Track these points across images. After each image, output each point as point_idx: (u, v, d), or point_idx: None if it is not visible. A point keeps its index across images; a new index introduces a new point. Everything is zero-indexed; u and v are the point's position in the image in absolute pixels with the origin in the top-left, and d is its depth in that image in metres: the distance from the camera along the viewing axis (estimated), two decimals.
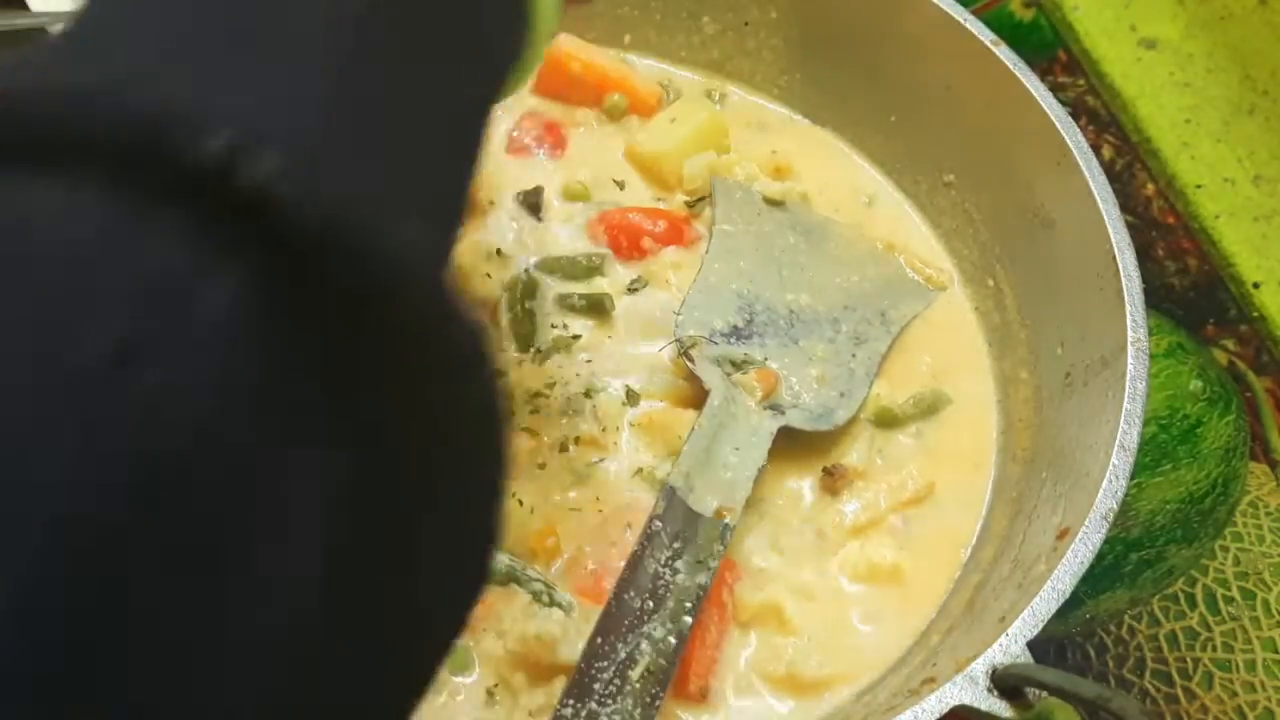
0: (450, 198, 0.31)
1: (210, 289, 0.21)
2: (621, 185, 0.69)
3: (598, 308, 0.63)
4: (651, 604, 0.52)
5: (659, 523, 0.54)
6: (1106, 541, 0.50)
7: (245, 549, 0.22)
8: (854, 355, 0.64)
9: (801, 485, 0.60)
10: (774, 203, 0.69)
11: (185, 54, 0.25)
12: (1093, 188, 0.59)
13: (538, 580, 0.55)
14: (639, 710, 0.49)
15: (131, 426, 0.20)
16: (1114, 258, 0.57)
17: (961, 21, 0.65)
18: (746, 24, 0.73)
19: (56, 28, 0.76)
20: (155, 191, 0.21)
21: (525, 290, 0.63)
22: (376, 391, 0.24)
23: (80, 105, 0.22)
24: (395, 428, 0.24)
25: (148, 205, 0.21)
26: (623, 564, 0.54)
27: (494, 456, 0.27)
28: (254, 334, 0.22)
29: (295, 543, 0.23)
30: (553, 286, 0.64)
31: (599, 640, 0.51)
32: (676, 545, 0.54)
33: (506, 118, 0.71)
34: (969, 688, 0.46)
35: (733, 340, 0.63)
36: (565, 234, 0.67)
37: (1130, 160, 0.79)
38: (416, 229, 0.25)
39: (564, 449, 0.59)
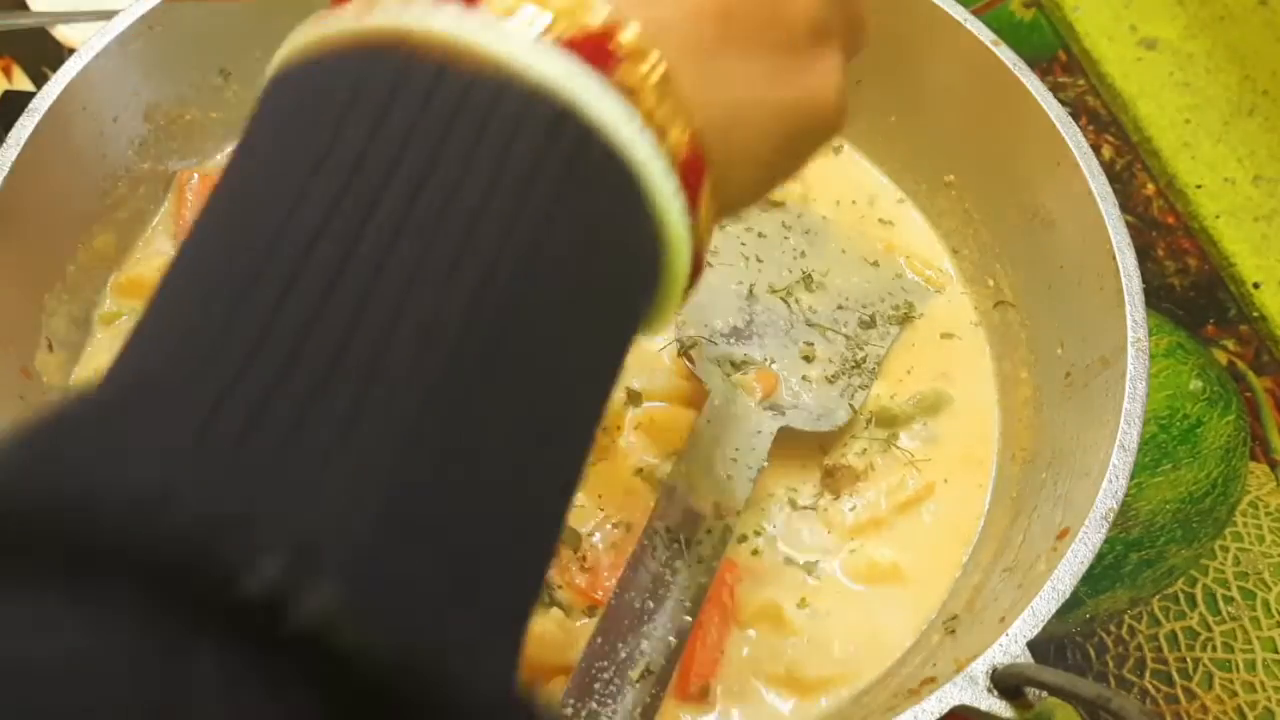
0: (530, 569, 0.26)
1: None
2: None
3: None
4: (651, 604, 0.52)
5: (659, 523, 0.54)
6: (1106, 541, 0.50)
7: None
8: (854, 355, 0.64)
9: (802, 485, 0.60)
10: (774, 203, 0.69)
11: (227, 441, 0.21)
12: (1093, 188, 0.59)
13: None
14: (639, 710, 0.49)
15: None
16: (1114, 258, 0.57)
17: (961, 21, 0.65)
18: None
19: (57, 28, 0.75)
20: (192, 616, 0.19)
21: None
22: None
23: (120, 515, 0.19)
24: None
25: (182, 631, 0.19)
26: (623, 564, 0.54)
27: None
28: None
29: None
30: None
31: (599, 640, 0.51)
32: (676, 545, 0.54)
33: None
34: (969, 688, 0.46)
35: (733, 340, 0.63)
36: None
37: (1130, 160, 0.79)
38: (484, 632, 0.23)
39: None
